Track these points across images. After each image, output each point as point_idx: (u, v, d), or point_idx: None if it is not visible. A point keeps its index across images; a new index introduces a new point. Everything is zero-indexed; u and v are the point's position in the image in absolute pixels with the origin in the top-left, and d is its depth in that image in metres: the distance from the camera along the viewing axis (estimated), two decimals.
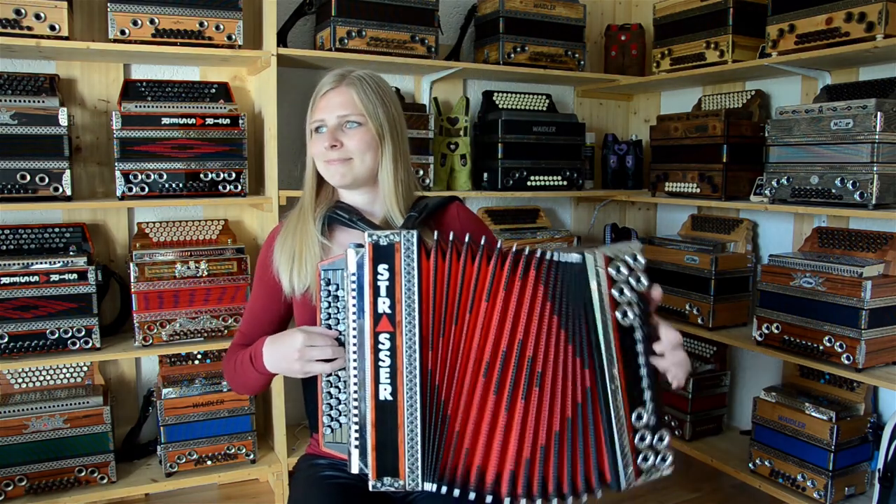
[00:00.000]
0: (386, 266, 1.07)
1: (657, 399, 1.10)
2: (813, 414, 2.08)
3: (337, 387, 1.18)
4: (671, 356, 1.13)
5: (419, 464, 1.07)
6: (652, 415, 1.09)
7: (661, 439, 1.09)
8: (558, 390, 1.07)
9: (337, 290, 1.18)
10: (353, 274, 1.09)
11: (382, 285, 1.07)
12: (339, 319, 1.18)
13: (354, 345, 1.09)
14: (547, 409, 1.07)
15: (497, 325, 1.07)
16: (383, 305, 1.07)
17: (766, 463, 2.21)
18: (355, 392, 1.08)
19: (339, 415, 1.18)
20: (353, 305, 1.09)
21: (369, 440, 1.07)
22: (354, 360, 1.08)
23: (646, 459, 1.08)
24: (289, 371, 1.22)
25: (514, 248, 1.09)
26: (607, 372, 1.07)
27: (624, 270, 1.08)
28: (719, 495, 2.45)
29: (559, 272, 1.08)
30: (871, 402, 2.14)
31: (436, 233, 1.12)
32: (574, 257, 1.08)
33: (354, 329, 1.09)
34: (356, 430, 1.08)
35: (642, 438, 1.08)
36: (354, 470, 1.10)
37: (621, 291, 1.08)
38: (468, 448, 1.08)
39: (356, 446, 1.08)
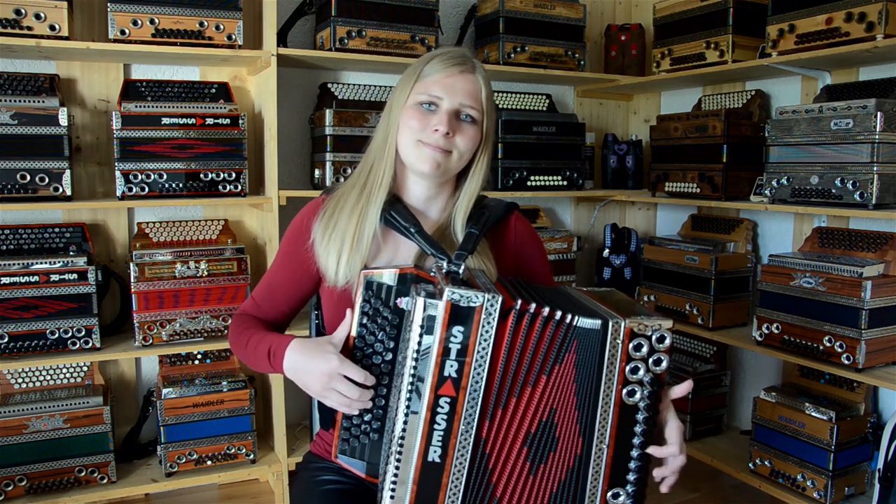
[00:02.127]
0: (461, 329, 0.99)
1: (640, 483, 1.08)
2: (813, 414, 2.08)
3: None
4: (669, 466, 1.10)
5: None
6: (629, 498, 1.07)
7: None
8: (561, 454, 1.06)
9: (381, 305, 1.10)
10: (421, 326, 1.00)
11: (453, 348, 0.99)
12: (376, 337, 1.12)
13: (408, 398, 1.01)
14: (555, 471, 1.06)
15: (547, 397, 1.04)
16: (450, 369, 1.00)
17: (766, 463, 2.21)
18: (399, 445, 1.02)
19: (360, 434, 1.14)
20: (413, 359, 1.00)
21: (408, 496, 1.03)
22: (405, 414, 1.02)
23: None
24: (305, 386, 1.15)
25: (556, 316, 1.03)
26: (595, 445, 1.04)
27: (645, 349, 1.03)
28: (719, 495, 2.45)
29: (579, 338, 1.04)
30: (871, 402, 2.14)
31: (520, 302, 1.01)
32: (595, 324, 1.02)
33: (411, 382, 1.01)
34: (392, 477, 1.03)
35: None
36: None
37: (635, 370, 1.03)
38: None
39: (391, 496, 1.04)
